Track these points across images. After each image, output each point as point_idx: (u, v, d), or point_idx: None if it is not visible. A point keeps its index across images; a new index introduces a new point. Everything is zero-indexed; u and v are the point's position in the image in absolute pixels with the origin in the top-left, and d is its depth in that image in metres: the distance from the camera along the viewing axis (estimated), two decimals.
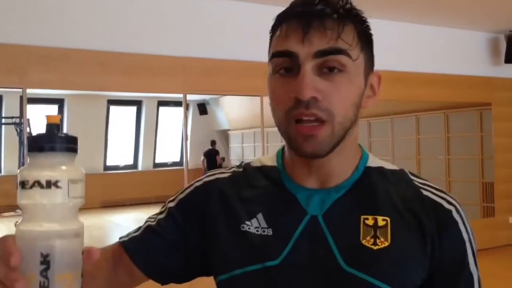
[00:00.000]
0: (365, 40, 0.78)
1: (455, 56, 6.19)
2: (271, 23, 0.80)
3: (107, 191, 10.35)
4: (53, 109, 9.77)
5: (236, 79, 4.81)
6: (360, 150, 0.86)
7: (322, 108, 0.73)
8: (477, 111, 6.65)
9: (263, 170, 0.87)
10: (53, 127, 0.60)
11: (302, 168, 0.82)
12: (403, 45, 5.78)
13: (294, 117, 0.75)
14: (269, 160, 0.89)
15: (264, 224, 0.80)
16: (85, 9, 4.25)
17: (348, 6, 0.77)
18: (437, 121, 7.03)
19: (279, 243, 0.78)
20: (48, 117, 0.60)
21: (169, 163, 11.40)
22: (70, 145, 0.60)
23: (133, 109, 10.91)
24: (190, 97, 5.23)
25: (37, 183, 0.57)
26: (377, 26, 0.89)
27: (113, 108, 10.53)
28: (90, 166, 10.41)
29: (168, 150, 11.46)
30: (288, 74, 0.75)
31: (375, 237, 0.77)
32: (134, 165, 11.27)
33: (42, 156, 0.58)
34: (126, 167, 11.20)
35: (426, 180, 0.85)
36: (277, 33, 0.77)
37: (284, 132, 0.78)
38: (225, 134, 11.36)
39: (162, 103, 10.86)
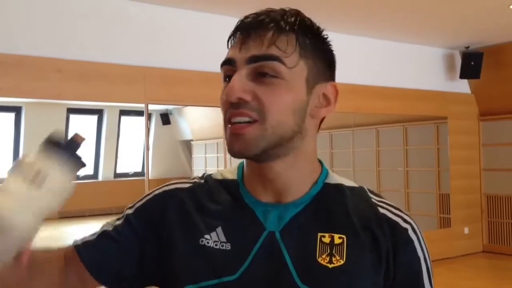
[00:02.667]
0: (311, 50, 0.79)
1: (413, 71, 6.36)
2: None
3: (66, 201, 10.08)
4: (9, 117, 9.50)
5: (198, 89, 4.80)
6: (320, 166, 0.86)
7: (252, 108, 0.75)
8: (434, 124, 6.85)
9: (223, 183, 0.87)
10: (75, 144, 0.70)
11: (257, 182, 0.82)
12: (363, 59, 5.90)
13: (227, 119, 0.77)
14: (230, 173, 0.88)
15: (223, 238, 0.80)
16: (42, 16, 4.17)
17: (292, 19, 0.78)
18: (396, 134, 7.19)
19: (237, 258, 0.78)
20: (76, 135, 0.71)
21: (130, 173, 11.23)
22: (75, 163, 0.70)
23: (94, 118, 10.71)
24: (153, 106, 5.19)
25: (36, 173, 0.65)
26: (337, 40, 0.91)
27: (73, 117, 10.31)
28: None
29: (130, 160, 11.29)
30: (229, 77, 0.78)
31: (330, 255, 0.77)
32: (95, 175, 11.04)
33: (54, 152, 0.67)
34: (86, 177, 10.95)
35: (384, 199, 0.85)
36: (228, 45, 0.81)
37: (224, 130, 0.79)
38: (188, 145, 11.29)
39: (124, 112, 10.71)
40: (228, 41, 0.81)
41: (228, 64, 0.78)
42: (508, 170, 6.64)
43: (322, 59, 0.81)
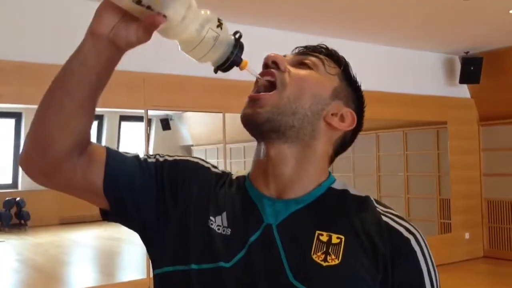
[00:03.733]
0: (346, 83, 0.89)
1: (412, 76, 6.37)
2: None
3: (65, 207, 10.08)
4: (9, 123, 9.50)
5: (198, 95, 4.80)
6: (328, 174, 0.88)
7: (280, 75, 0.82)
8: (434, 129, 6.85)
9: (236, 179, 0.90)
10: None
11: (262, 175, 0.85)
12: (363, 64, 5.91)
13: (254, 85, 0.84)
14: (244, 172, 0.92)
15: (225, 223, 0.82)
16: (42, 22, 4.18)
17: (343, 59, 0.92)
18: (396, 139, 7.20)
19: (234, 245, 0.79)
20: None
21: None
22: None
23: (94, 123, 10.74)
24: (153, 112, 5.19)
25: None
26: (337, 46, 0.92)
27: None
28: None
29: None
30: None
31: (326, 253, 0.77)
32: None
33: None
34: None
35: (390, 209, 0.84)
36: None
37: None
38: (188, 150, 11.30)
39: (124, 118, 10.74)
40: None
41: (273, 63, 0.84)
42: (509, 175, 6.63)
43: (353, 93, 0.90)
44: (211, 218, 0.83)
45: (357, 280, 0.75)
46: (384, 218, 0.81)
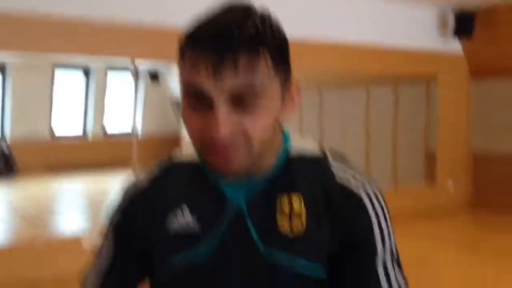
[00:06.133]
0: (280, 58, 0.75)
1: (404, 31, 6.30)
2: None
3: (54, 158, 10.08)
4: None
5: None
6: (282, 135, 0.85)
7: (237, 138, 0.73)
8: (425, 83, 6.86)
9: (185, 166, 0.88)
10: None
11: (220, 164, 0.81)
12: (354, 18, 5.83)
13: (208, 148, 0.75)
14: (191, 155, 0.87)
15: (189, 218, 0.82)
16: None
17: (260, 29, 0.72)
18: (386, 93, 7.20)
19: (205, 236, 0.81)
20: None
21: (119, 131, 11.20)
22: None
23: (81, 74, 10.57)
24: (141, 64, 5.10)
25: None
26: (329, 0, 0.88)
27: (59, 72, 10.16)
28: (35, 133, 10.08)
29: (119, 117, 11.23)
30: (199, 104, 0.73)
31: (290, 223, 0.80)
32: (83, 133, 11.00)
33: None
34: (74, 134, 10.92)
35: (345, 164, 0.85)
36: (186, 60, 0.73)
37: (200, 153, 0.78)
38: (178, 104, 11.21)
39: (112, 69, 10.58)
40: (183, 52, 0.73)
41: (199, 94, 0.72)
42: (496, 127, 6.73)
43: (288, 60, 0.78)
44: (174, 224, 0.83)
45: (320, 242, 0.79)
46: (338, 177, 0.82)
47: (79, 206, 7.83)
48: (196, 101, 0.72)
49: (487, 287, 4.00)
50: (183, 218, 0.83)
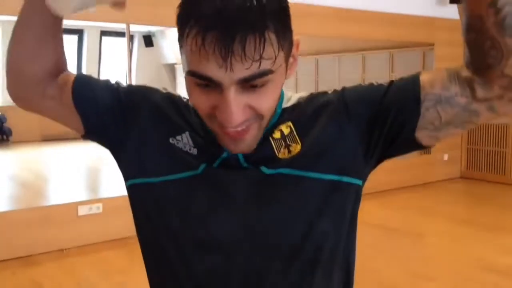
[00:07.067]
0: (284, 29, 0.72)
1: None
2: None
3: (47, 124, 9.99)
4: None
5: None
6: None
7: (249, 118, 0.73)
8: (421, 51, 6.80)
9: (194, 109, 0.86)
10: None
11: None
12: None
13: (218, 127, 0.75)
14: None
15: (191, 143, 0.83)
16: None
17: (265, 3, 0.68)
18: (383, 60, 7.15)
19: (202, 160, 0.82)
20: None
21: None
22: None
23: (74, 38, 10.40)
24: (135, 27, 5.02)
25: None
26: None
27: None
28: None
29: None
30: (208, 88, 0.71)
31: (287, 146, 0.81)
32: None
33: None
34: None
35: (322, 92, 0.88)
36: (188, 42, 0.69)
37: (208, 123, 0.77)
38: (172, 68, 11.12)
39: (105, 33, 10.41)
40: (184, 30, 0.69)
41: (208, 81, 0.70)
42: None
43: (289, 24, 0.74)
44: (176, 137, 0.84)
45: (327, 144, 0.80)
46: (317, 98, 0.85)
47: (74, 172, 7.83)
48: (203, 82, 0.71)
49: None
50: (186, 139, 0.83)
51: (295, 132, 0.81)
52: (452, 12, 6.69)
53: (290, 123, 0.82)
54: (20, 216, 4.06)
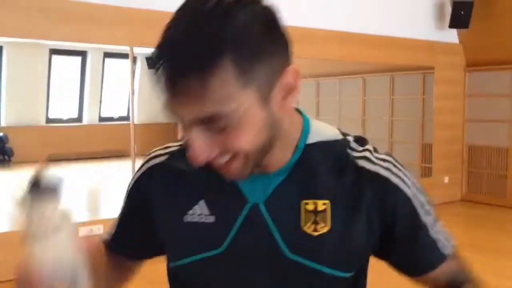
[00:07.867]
0: (254, 58, 0.64)
1: (402, 20, 6.28)
2: None
3: (50, 144, 10.03)
4: None
5: None
6: (301, 124, 0.79)
7: (224, 155, 0.69)
8: (421, 74, 6.85)
9: None
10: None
11: None
12: (351, 6, 5.81)
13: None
14: None
15: (206, 211, 0.78)
16: None
17: (219, 35, 0.61)
18: (383, 83, 7.20)
19: (221, 231, 0.76)
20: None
21: (115, 117, 11.16)
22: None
23: (78, 59, 10.49)
24: (138, 49, 5.07)
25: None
26: None
27: (55, 58, 10.08)
28: (31, 118, 10.04)
29: (115, 103, 11.18)
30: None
31: (315, 223, 0.75)
32: (79, 118, 10.95)
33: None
34: (70, 120, 10.87)
35: (365, 146, 0.81)
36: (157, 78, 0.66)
37: None
38: None
39: (109, 55, 10.51)
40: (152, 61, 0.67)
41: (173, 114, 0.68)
42: (491, 121, 6.72)
43: (269, 57, 0.66)
44: (189, 212, 0.79)
45: (351, 239, 0.76)
46: (360, 163, 0.78)
47: (75, 193, 7.82)
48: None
49: None
50: (200, 209, 0.79)
51: (328, 213, 0.75)
52: (452, 36, 6.77)
53: (328, 202, 0.75)
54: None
